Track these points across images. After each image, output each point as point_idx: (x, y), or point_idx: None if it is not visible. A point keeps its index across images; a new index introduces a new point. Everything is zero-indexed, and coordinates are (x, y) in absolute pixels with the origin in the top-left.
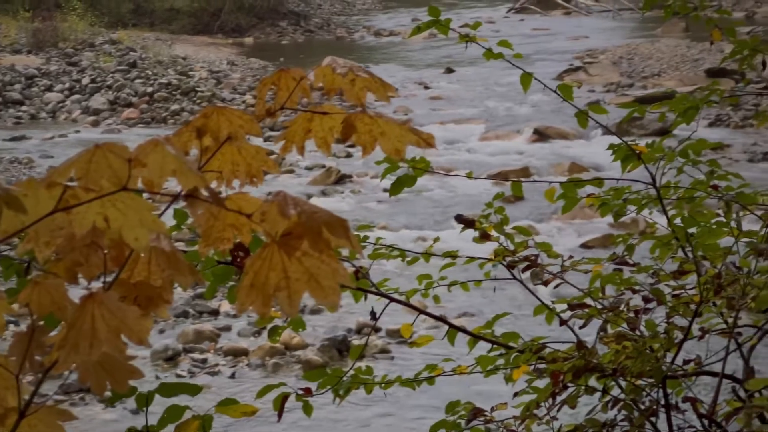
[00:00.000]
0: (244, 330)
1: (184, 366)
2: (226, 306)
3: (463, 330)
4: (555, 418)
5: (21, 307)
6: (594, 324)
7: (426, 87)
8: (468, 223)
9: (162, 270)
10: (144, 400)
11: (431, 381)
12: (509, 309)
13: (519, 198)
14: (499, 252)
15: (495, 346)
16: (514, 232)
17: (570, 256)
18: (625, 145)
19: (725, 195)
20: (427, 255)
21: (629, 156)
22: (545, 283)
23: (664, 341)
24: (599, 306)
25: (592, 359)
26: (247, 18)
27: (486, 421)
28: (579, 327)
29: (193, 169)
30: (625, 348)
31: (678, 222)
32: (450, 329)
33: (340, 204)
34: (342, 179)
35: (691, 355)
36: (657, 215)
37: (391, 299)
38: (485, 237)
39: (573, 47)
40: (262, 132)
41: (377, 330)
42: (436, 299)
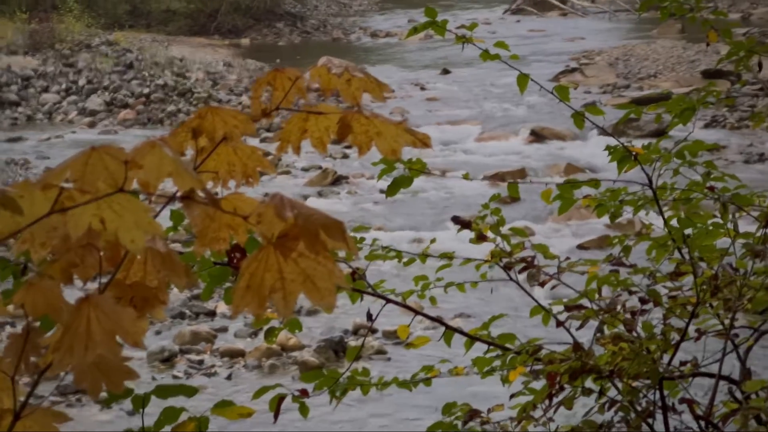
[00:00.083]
0: (240, 331)
1: (180, 367)
2: (222, 307)
3: (460, 331)
4: (551, 419)
5: (16, 309)
6: (590, 325)
7: (422, 88)
8: (464, 225)
9: (157, 271)
10: (140, 401)
11: (428, 382)
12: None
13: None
14: (496, 253)
15: (491, 347)
16: (510, 233)
17: (566, 257)
18: (622, 147)
19: (722, 196)
20: (424, 256)
21: (626, 157)
22: (542, 285)
23: (660, 342)
24: (596, 307)
25: (588, 361)
26: (244, 19)
27: (482, 423)
28: (576, 328)
29: (190, 171)
30: (622, 349)
31: (674, 223)
32: (446, 330)
33: (336, 205)
34: (338, 180)
35: (688, 357)
36: (653, 216)
37: (388, 300)
38: (482, 238)
39: (569, 48)
40: (257, 132)
41: (374, 331)
42: (432, 300)
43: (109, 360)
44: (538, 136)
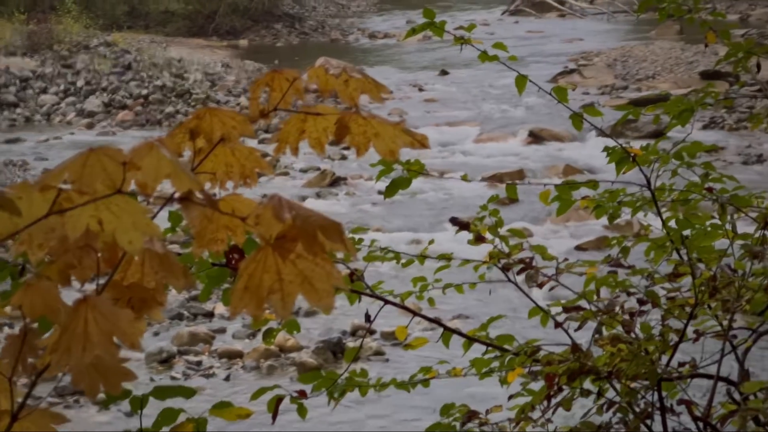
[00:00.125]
0: (238, 332)
1: (178, 368)
2: (220, 308)
3: (458, 332)
4: (550, 420)
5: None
6: (589, 326)
7: (421, 89)
8: (463, 226)
9: (155, 272)
10: (138, 403)
11: (426, 383)
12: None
13: (514, 200)
14: (494, 254)
15: (490, 348)
16: (508, 234)
17: (565, 258)
18: (620, 148)
19: (720, 197)
20: (422, 257)
21: (624, 158)
22: (540, 286)
23: (659, 344)
24: (594, 308)
25: (586, 362)
26: (242, 20)
27: (481, 424)
28: (574, 329)
29: (188, 173)
30: (620, 350)
31: (673, 224)
32: (445, 331)
33: (334, 206)
34: (337, 181)
35: (686, 358)
36: (652, 217)
37: (386, 301)
38: (480, 239)
39: (567, 50)
40: (255, 133)
41: (372, 332)
42: (430, 302)
43: (107, 361)
44: (536, 137)
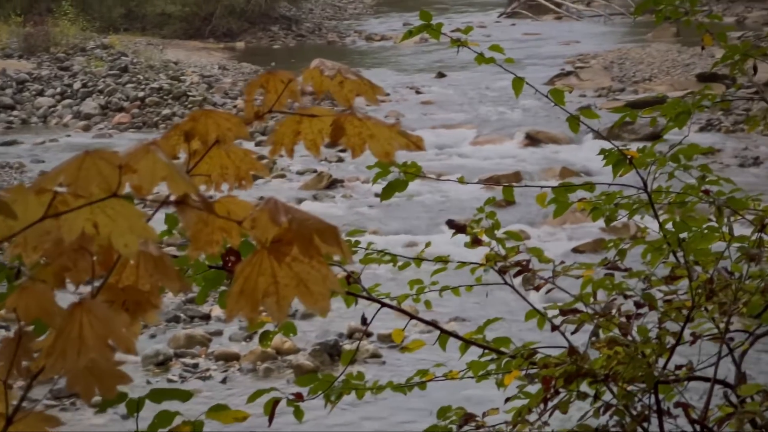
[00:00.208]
0: (235, 334)
1: (175, 371)
2: (217, 310)
3: (455, 335)
4: (546, 423)
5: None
6: (586, 329)
7: (417, 91)
8: (459, 229)
9: (150, 275)
10: (134, 406)
11: (423, 386)
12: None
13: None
14: (491, 257)
15: (486, 351)
16: (505, 236)
17: (561, 261)
18: (617, 150)
19: (717, 200)
20: (419, 260)
21: (620, 161)
22: (537, 288)
23: (655, 346)
24: (591, 311)
25: (583, 365)
26: (239, 22)
27: (477, 427)
28: (571, 332)
29: (184, 176)
30: (617, 353)
31: (669, 227)
32: (441, 334)
33: (331, 208)
34: (333, 184)
35: (683, 361)
36: (648, 220)
37: (383, 304)
38: (476, 242)
39: (564, 52)
40: (250, 135)
41: (369, 335)
42: (427, 304)
43: (102, 364)
44: (533, 139)
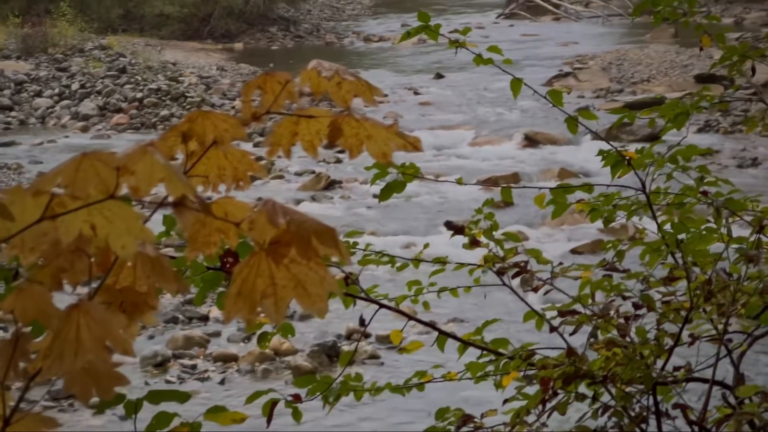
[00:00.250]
0: (233, 336)
1: (173, 372)
2: (215, 311)
3: (453, 336)
4: (545, 425)
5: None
6: (584, 330)
7: (416, 92)
8: (457, 230)
9: (147, 276)
10: (132, 407)
11: (421, 387)
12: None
13: (509, 204)
14: (489, 258)
15: (485, 352)
16: (503, 238)
17: (560, 262)
18: (615, 151)
19: (715, 201)
20: (417, 261)
21: (619, 162)
22: (535, 290)
23: (654, 348)
24: (589, 312)
25: (582, 366)
26: (237, 24)
27: (475, 428)
28: (569, 333)
29: (182, 177)
30: (615, 355)
31: (668, 228)
32: (440, 335)
33: (329, 209)
34: (332, 185)
35: (682, 362)
36: (647, 221)
37: (381, 305)
38: (475, 243)
39: (562, 53)
40: (248, 136)
41: (367, 336)
42: (425, 305)
43: (99, 366)
44: (531, 140)
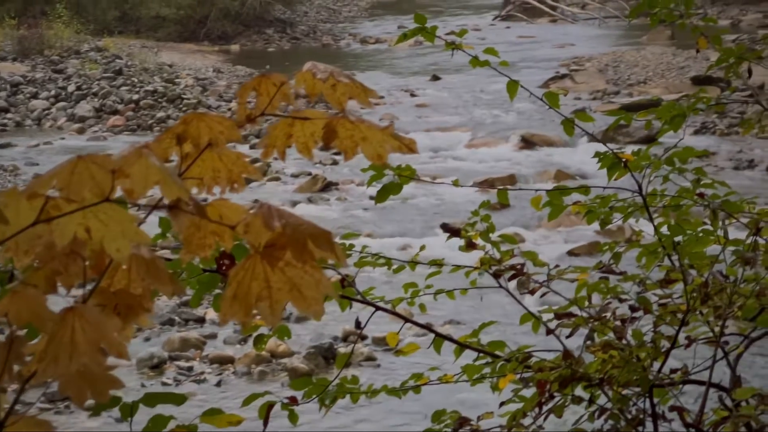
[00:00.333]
0: (230, 338)
1: (169, 374)
2: (212, 313)
3: (450, 338)
4: (541, 427)
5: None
6: (581, 333)
7: (412, 94)
8: (453, 232)
9: (142, 279)
10: (128, 410)
11: (417, 389)
12: (496, 317)
13: (505, 205)
14: (485, 260)
15: (481, 354)
16: (500, 240)
17: (556, 264)
18: (612, 153)
19: (711, 203)
20: (413, 263)
21: (615, 164)
22: (531, 292)
23: (650, 350)
24: (586, 315)
25: (578, 368)
26: (233, 25)
27: (472, 430)
28: (565, 336)
29: (177, 180)
30: (612, 357)
31: (664, 230)
32: (436, 338)
33: (326, 211)
34: (328, 186)
35: (678, 364)
36: (643, 223)
37: (377, 307)
38: (471, 246)
39: (559, 55)
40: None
41: (363, 338)
42: (422, 308)
43: (94, 369)
44: (528, 142)
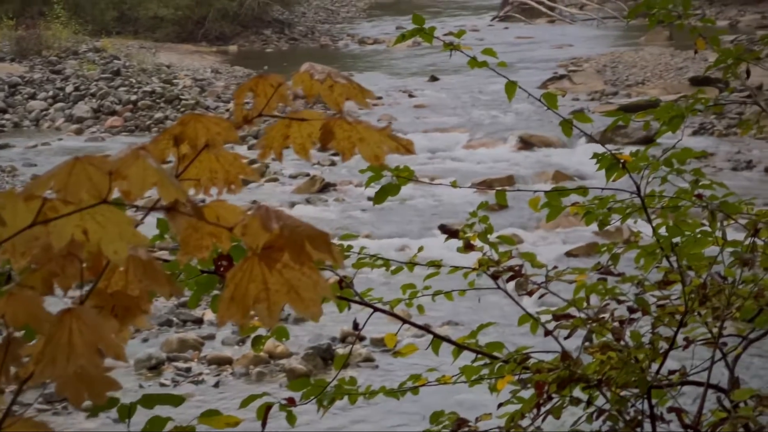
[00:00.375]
0: (228, 339)
1: (167, 375)
2: (210, 314)
3: (448, 340)
4: (539, 428)
5: None
6: (579, 334)
7: (410, 95)
8: (451, 234)
9: (139, 280)
10: (126, 411)
11: (415, 391)
12: (494, 319)
13: (503, 206)
14: (484, 262)
15: (479, 355)
16: (498, 241)
17: (554, 265)
18: (610, 154)
19: (710, 204)
20: (412, 264)
21: (614, 165)
22: (530, 293)
23: (649, 351)
24: (584, 316)
25: (576, 370)
26: (232, 26)
27: None
28: (564, 337)
29: (174, 182)
30: (610, 358)
31: (663, 231)
32: (434, 339)
33: (324, 212)
34: (326, 187)
35: (677, 366)
36: (642, 224)
37: (375, 309)
38: (469, 247)
39: (557, 55)
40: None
41: (361, 339)
42: (420, 309)
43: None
44: (526, 143)
